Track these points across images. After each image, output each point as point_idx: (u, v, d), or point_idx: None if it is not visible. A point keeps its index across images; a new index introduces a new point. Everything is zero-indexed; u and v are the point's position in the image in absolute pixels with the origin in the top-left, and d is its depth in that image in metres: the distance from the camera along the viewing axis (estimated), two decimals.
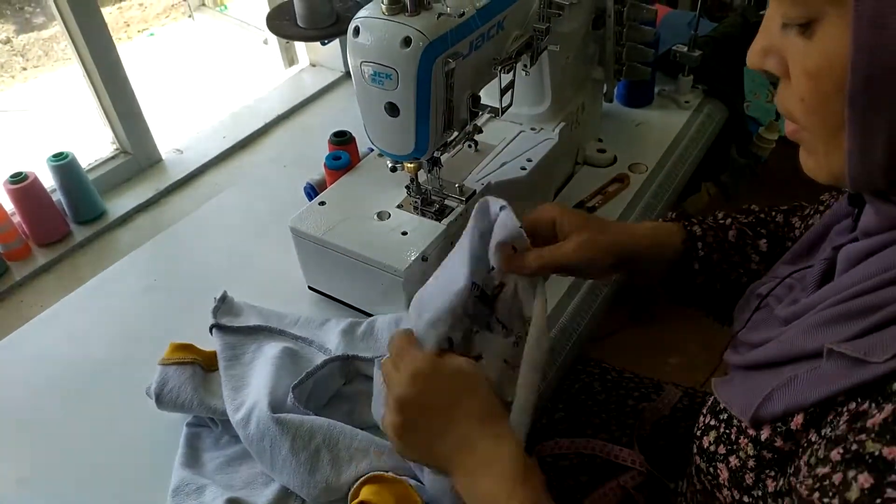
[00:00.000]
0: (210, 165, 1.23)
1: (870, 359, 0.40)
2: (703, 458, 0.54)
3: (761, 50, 0.46)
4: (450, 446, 0.54)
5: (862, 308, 0.43)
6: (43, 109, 1.46)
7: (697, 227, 0.70)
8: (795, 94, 0.44)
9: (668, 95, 1.18)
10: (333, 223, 0.78)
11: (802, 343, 0.47)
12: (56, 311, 0.89)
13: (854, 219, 0.52)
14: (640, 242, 0.67)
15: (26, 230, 1.03)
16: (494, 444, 0.53)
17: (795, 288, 0.56)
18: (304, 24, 1.01)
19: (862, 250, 0.47)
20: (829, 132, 0.43)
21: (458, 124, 0.74)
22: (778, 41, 0.44)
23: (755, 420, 0.48)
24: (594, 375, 0.90)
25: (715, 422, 0.54)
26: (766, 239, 0.70)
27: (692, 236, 0.69)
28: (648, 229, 0.69)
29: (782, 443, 0.46)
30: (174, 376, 0.70)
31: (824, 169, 0.45)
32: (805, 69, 0.42)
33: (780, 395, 0.46)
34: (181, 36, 1.81)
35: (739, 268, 0.69)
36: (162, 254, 0.97)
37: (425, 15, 0.64)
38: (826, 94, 0.41)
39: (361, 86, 0.68)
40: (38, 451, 0.72)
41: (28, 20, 2.28)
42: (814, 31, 0.41)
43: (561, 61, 0.90)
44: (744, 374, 0.53)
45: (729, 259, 0.69)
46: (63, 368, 0.81)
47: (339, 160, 0.92)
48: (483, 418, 0.54)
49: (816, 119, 0.43)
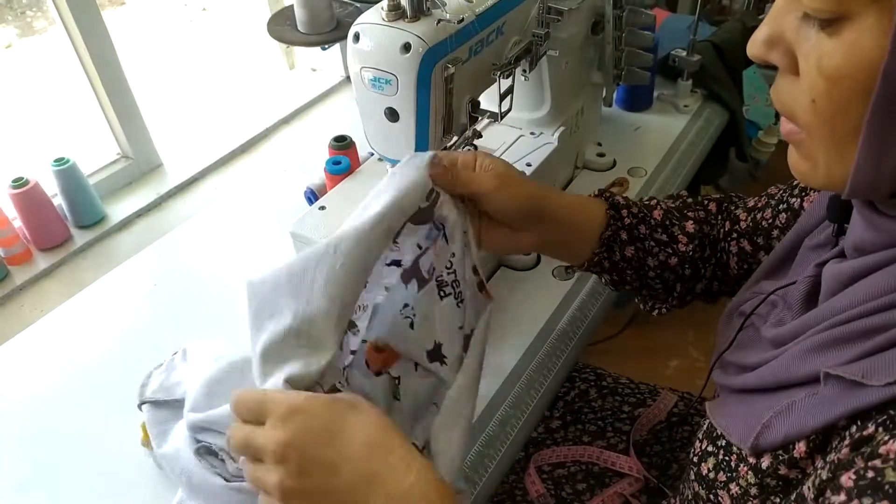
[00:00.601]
0: (211, 170, 1.23)
1: (868, 382, 0.38)
2: (703, 486, 0.52)
3: (767, 39, 0.42)
4: (349, 484, 0.44)
5: (861, 331, 0.41)
6: (45, 114, 1.47)
7: (620, 198, 0.68)
8: (805, 94, 0.40)
9: (668, 100, 1.19)
10: (334, 228, 0.78)
11: (798, 368, 0.45)
12: (57, 316, 0.89)
13: (834, 233, 0.50)
14: (560, 201, 0.65)
15: (27, 235, 1.03)
16: (402, 473, 0.44)
17: (779, 305, 0.54)
18: (304, 29, 1.01)
19: (851, 272, 0.45)
20: (837, 139, 0.40)
21: (457, 129, 0.74)
22: (790, 33, 0.41)
23: (755, 448, 0.46)
24: (590, 382, 0.90)
25: (713, 448, 0.52)
26: (693, 222, 0.68)
27: (615, 205, 0.67)
28: (569, 196, 0.68)
29: (787, 470, 0.45)
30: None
31: (820, 175, 0.43)
32: (823, 69, 0.38)
33: (780, 423, 0.44)
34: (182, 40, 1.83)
35: (668, 248, 0.68)
36: (162, 258, 0.98)
37: (425, 21, 0.64)
38: (844, 99, 0.38)
39: (361, 91, 0.69)
40: (39, 456, 0.72)
41: (30, 24, 2.28)
42: (840, 29, 0.37)
43: (560, 66, 0.90)
44: (738, 399, 0.51)
45: (655, 236, 0.67)
46: (64, 373, 0.81)
47: (339, 165, 0.92)
48: (375, 446, 0.45)
49: (825, 124, 0.40)
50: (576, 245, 0.68)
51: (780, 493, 0.46)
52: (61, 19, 1.05)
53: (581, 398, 0.87)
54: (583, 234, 0.67)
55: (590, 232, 0.66)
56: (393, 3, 0.63)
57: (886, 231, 0.43)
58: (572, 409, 0.86)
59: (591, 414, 0.85)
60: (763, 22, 0.43)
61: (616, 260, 0.68)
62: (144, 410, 0.69)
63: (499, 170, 0.59)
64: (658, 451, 0.80)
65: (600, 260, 0.68)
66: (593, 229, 0.66)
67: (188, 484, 0.62)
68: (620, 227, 0.67)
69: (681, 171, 1.06)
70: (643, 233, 0.67)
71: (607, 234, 0.66)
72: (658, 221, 0.68)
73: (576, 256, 0.69)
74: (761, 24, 0.43)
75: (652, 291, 0.71)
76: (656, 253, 0.68)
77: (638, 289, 0.71)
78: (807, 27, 0.39)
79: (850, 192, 0.41)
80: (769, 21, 0.42)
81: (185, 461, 0.62)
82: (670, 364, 1.72)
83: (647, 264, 0.68)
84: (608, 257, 0.68)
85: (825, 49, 0.38)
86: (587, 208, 0.67)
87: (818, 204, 0.56)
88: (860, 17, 0.36)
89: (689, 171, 1.08)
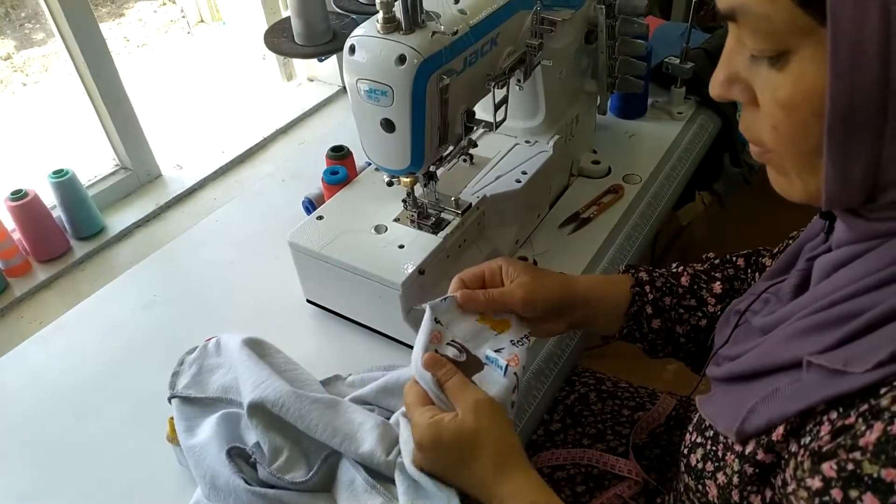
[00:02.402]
0: (209, 180, 1.24)
1: (850, 369, 0.40)
2: (692, 476, 0.54)
3: (725, 80, 0.46)
4: (474, 495, 0.57)
5: (839, 317, 0.43)
6: (44, 125, 1.47)
7: (644, 274, 0.72)
8: (766, 123, 0.43)
9: (662, 107, 1.20)
10: (331, 237, 0.79)
11: (781, 353, 0.47)
12: (56, 328, 0.89)
13: (826, 231, 0.52)
14: (585, 286, 0.70)
15: (27, 247, 1.04)
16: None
17: (772, 301, 0.57)
18: (301, 41, 1.02)
19: (835, 260, 0.47)
20: (804, 157, 0.43)
21: (453, 139, 0.75)
22: (744, 71, 0.44)
23: (740, 435, 0.48)
24: (589, 386, 0.90)
25: (701, 439, 0.54)
26: (720, 282, 0.72)
27: (639, 282, 0.71)
28: (596, 277, 0.73)
29: (764, 455, 0.46)
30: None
31: (798, 189, 0.45)
32: (778, 100, 0.41)
33: (764, 409, 0.46)
34: (180, 51, 1.83)
35: (697, 311, 0.71)
36: (161, 269, 0.98)
37: (419, 33, 0.65)
38: (801, 123, 0.41)
39: (357, 102, 0.69)
40: (40, 467, 0.72)
41: (28, 36, 2.29)
42: (786, 63, 0.40)
43: (554, 75, 0.91)
44: (725, 389, 0.53)
45: (683, 303, 0.71)
46: (64, 384, 0.81)
47: (337, 175, 0.93)
48: (492, 477, 0.55)
49: (790, 146, 0.43)
50: (604, 323, 0.73)
51: (757, 482, 0.47)
52: (59, 31, 1.06)
53: (581, 402, 0.88)
54: (610, 312, 0.71)
55: (616, 309, 0.71)
56: (388, 16, 0.64)
57: (864, 231, 0.45)
58: (572, 412, 0.87)
59: (591, 417, 0.86)
60: (718, 65, 0.46)
61: (645, 332, 0.71)
62: (174, 405, 0.70)
63: (524, 279, 0.65)
64: (657, 454, 0.81)
65: (630, 332, 0.72)
66: (619, 307, 0.71)
67: (212, 483, 0.63)
68: (645, 303, 0.71)
69: (675, 177, 1.07)
70: (669, 304, 0.71)
71: (633, 311, 0.70)
72: (686, 288, 0.72)
73: (605, 331, 0.74)
74: (717, 66, 0.46)
75: (688, 354, 0.74)
76: (686, 319, 0.71)
77: (673, 353, 0.74)
78: (757, 64, 0.43)
79: (827, 204, 0.43)
80: (723, 64, 0.46)
81: (211, 459, 0.64)
82: (668, 368, 1.73)
83: (676, 332, 0.71)
84: (637, 329, 0.71)
85: (776, 82, 0.41)
86: (612, 287, 0.71)
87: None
88: (800, 49, 0.39)
89: (684, 177, 1.09)
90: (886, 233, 0.43)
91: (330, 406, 0.66)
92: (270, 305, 0.88)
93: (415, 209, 0.80)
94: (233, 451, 0.64)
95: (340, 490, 0.63)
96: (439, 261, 0.78)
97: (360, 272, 0.76)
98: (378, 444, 0.63)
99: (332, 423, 0.64)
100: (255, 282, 0.93)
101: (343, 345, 0.83)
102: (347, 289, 0.79)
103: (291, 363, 0.73)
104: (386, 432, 0.64)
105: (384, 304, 0.76)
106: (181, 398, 0.70)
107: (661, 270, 0.73)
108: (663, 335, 0.72)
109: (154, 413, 0.73)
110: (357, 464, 0.63)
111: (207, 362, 0.73)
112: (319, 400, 0.66)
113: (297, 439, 0.66)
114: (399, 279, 0.73)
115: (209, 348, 0.75)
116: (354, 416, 0.66)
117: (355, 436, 0.64)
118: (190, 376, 0.72)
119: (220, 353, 0.74)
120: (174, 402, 0.70)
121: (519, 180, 0.86)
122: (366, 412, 0.67)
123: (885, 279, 0.42)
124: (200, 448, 0.65)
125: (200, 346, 0.75)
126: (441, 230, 0.79)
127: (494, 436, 0.56)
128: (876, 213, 0.44)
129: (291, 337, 0.81)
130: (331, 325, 0.85)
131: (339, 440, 0.63)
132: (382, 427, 0.65)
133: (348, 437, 0.64)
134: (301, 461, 0.65)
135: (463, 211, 0.81)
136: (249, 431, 0.67)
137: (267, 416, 0.65)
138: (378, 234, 0.80)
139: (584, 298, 0.69)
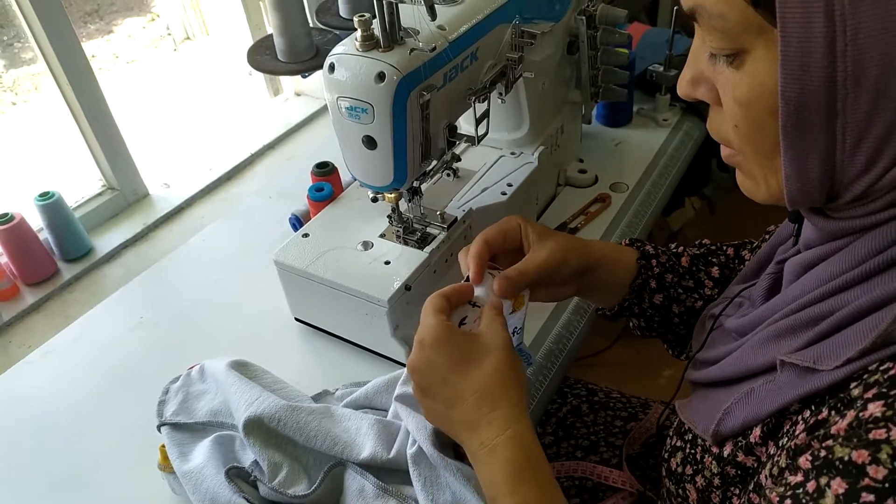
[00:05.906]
0: (197, 198, 1.24)
1: (820, 366, 0.41)
2: (672, 481, 0.55)
3: (692, 79, 0.47)
4: (459, 421, 0.53)
5: (809, 318, 0.45)
6: (31, 146, 1.47)
7: (650, 248, 0.72)
8: (728, 121, 0.45)
9: (647, 114, 1.20)
10: (317, 255, 0.79)
11: (757, 358, 0.48)
12: (45, 351, 0.89)
13: (795, 233, 0.53)
14: (600, 250, 0.68)
15: (14, 270, 1.03)
16: (497, 430, 0.51)
17: (745, 304, 0.58)
18: (284, 58, 1.02)
19: (804, 262, 0.48)
20: (764, 155, 0.44)
21: (435, 154, 0.75)
22: (708, 70, 0.45)
23: (716, 436, 0.49)
24: (581, 397, 0.90)
25: (681, 443, 0.54)
26: (717, 267, 0.72)
27: (646, 255, 0.71)
28: (606, 243, 0.72)
29: (744, 457, 0.47)
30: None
31: (762, 190, 0.46)
32: (736, 98, 0.43)
33: (739, 410, 0.47)
34: (167, 68, 1.83)
35: (694, 293, 0.71)
36: (149, 290, 0.98)
37: (398, 50, 0.65)
38: (758, 121, 0.42)
39: (339, 120, 0.69)
40: (28, 490, 0.72)
41: (17, 55, 2.29)
42: (742, 62, 0.42)
43: (537, 87, 0.91)
44: (704, 393, 0.54)
45: (683, 283, 0.71)
46: (52, 408, 0.81)
47: (322, 191, 0.93)
48: (485, 397, 0.52)
49: (750, 144, 0.44)
50: (608, 292, 0.71)
51: (739, 483, 0.48)
52: (41, 51, 1.05)
53: (573, 413, 0.88)
54: (615, 281, 0.70)
55: (621, 280, 0.70)
56: (366, 34, 0.64)
57: (830, 231, 0.46)
58: (564, 424, 0.86)
59: (584, 429, 0.85)
60: (685, 65, 0.47)
61: (644, 307, 0.71)
62: (164, 432, 0.70)
63: (551, 244, 0.63)
64: (651, 464, 0.80)
65: (630, 305, 0.71)
66: (625, 277, 0.70)
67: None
68: (650, 277, 0.70)
69: (662, 184, 1.07)
70: (671, 281, 0.71)
71: (638, 283, 0.70)
72: (686, 269, 0.72)
73: (606, 301, 0.73)
74: (685, 66, 0.47)
75: (677, 337, 0.73)
76: (683, 299, 0.71)
77: (663, 334, 0.74)
78: (719, 64, 0.44)
79: (790, 203, 0.44)
80: (689, 64, 0.47)
81: (209, 482, 0.63)
82: (664, 374, 1.73)
83: (672, 311, 0.71)
84: (637, 303, 0.71)
85: (733, 80, 0.43)
86: (619, 256, 0.71)
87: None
88: (754, 48, 0.41)
89: (671, 183, 1.09)
90: (851, 231, 0.44)
91: (326, 415, 0.66)
92: (258, 324, 0.88)
93: (400, 224, 0.80)
94: (231, 472, 0.64)
95: (350, 500, 0.63)
96: (426, 276, 0.77)
97: (346, 289, 0.75)
98: (378, 444, 0.63)
99: (332, 433, 0.64)
100: (243, 300, 0.92)
101: (331, 362, 0.82)
102: (334, 306, 0.78)
103: (280, 382, 0.73)
104: (383, 431, 0.64)
105: (371, 321, 0.76)
106: (171, 425, 0.70)
107: (663, 248, 0.73)
108: (661, 312, 0.71)
109: (144, 439, 0.73)
110: (364, 471, 0.63)
111: (192, 389, 0.73)
112: (315, 410, 0.66)
113: (296, 455, 0.66)
114: (385, 296, 0.73)
115: (192, 375, 0.74)
116: (350, 424, 0.66)
117: (355, 442, 0.64)
118: (177, 403, 0.72)
119: (205, 380, 0.73)
120: (164, 430, 0.70)
121: (504, 192, 0.86)
122: (359, 415, 0.67)
123: (852, 280, 0.43)
124: (197, 472, 0.64)
125: (184, 375, 0.74)
126: (427, 245, 0.79)
127: (510, 362, 0.53)
128: (839, 213, 0.45)
129: (279, 355, 0.81)
130: (319, 342, 0.84)
131: (339, 449, 0.64)
132: (378, 426, 0.65)
133: (348, 444, 0.64)
134: (302, 476, 0.64)
135: (449, 225, 0.80)
136: (245, 452, 0.67)
137: (264, 432, 0.65)
138: (364, 250, 0.79)
139: (598, 262, 0.67)
